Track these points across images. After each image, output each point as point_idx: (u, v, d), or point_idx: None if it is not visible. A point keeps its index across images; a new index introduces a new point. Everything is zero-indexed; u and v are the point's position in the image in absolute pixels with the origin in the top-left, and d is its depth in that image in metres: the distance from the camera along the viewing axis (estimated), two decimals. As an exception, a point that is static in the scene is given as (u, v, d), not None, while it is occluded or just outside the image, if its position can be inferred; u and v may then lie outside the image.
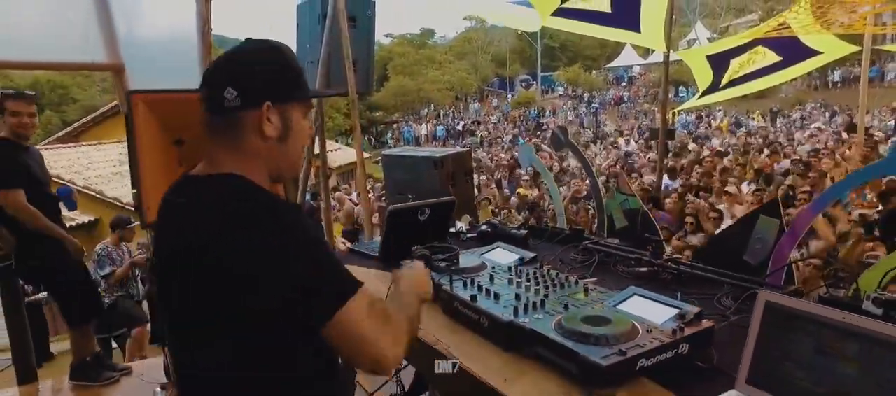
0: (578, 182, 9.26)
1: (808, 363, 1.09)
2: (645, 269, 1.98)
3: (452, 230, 2.70)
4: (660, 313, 1.39)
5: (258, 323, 1.03)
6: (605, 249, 2.22)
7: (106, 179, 11.68)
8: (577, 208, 7.44)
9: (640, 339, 1.27)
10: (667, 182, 8.71)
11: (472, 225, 2.94)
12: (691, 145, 16.28)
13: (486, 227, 2.65)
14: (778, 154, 9.48)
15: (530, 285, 1.66)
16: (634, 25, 7.36)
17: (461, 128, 34.41)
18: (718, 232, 5.20)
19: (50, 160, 3.55)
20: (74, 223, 9.15)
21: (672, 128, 9.23)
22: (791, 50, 8.22)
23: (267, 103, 1.11)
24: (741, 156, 11.07)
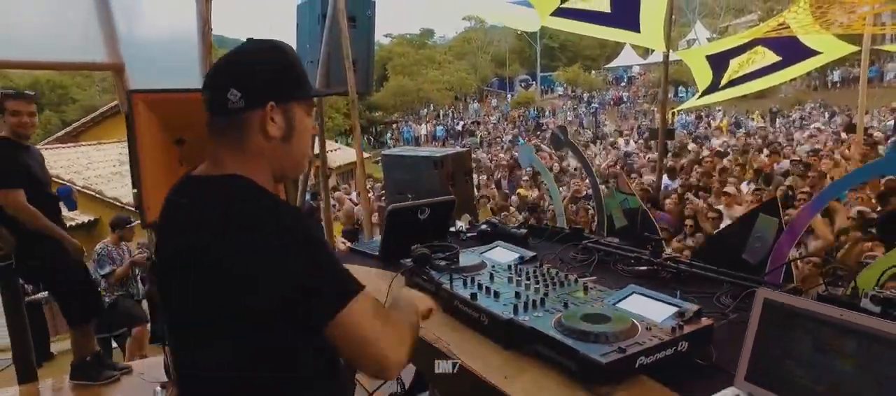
0: (578, 182, 9.27)
1: (806, 360, 1.09)
2: (644, 268, 1.98)
3: (452, 229, 2.70)
4: (659, 311, 1.40)
5: (258, 323, 1.03)
6: (604, 248, 2.22)
7: (105, 179, 11.68)
8: (577, 208, 7.45)
9: (640, 337, 1.27)
10: (666, 182, 8.71)
11: (471, 224, 2.94)
12: (691, 145, 16.27)
13: (485, 226, 2.65)
14: (778, 154, 9.47)
15: (530, 283, 1.66)
16: (634, 25, 7.37)
17: (460, 128, 34.40)
18: (718, 231, 5.21)
19: (49, 160, 3.56)
20: (74, 223, 9.15)
21: (672, 128, 9.23)
22: (790, 50, 8.23)
23: (270, 103, 1.11)
24: (740, 156, 11.07)
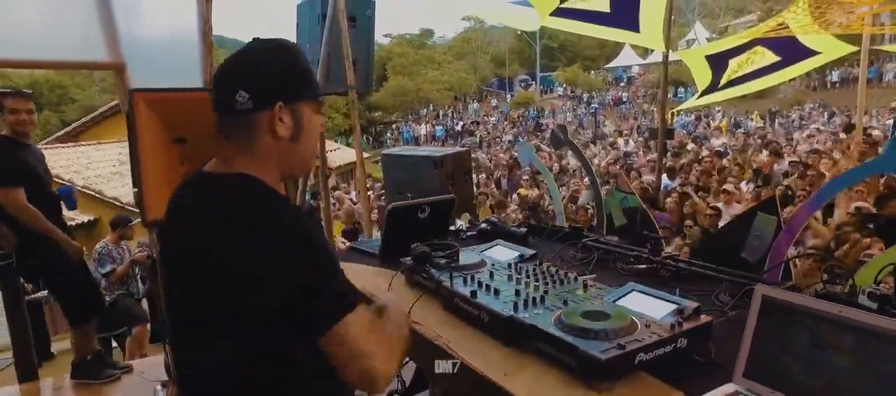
0: (578, 182, 9.28)
1: (804, 356, 1.10)
2: (643, 266, 1.99)
3: (452, 228, 2.71)
4: (658, 308, 1.40)
5: (259, 323, 1.03)
6: (604, 247, 2.23)
7: (105, 179, 11.68)
8: (577, 207, 7.46)
9: (639, 334, 1.27)
10: (666, 182, 8.73)
11: (471, 223, 2.95)
12: (690, 145, 16.29)
13: (485, 225, 2.65)
14: (779, 155, 9.46)
15: (530, 281, 1.67)
16: (633, 25, 7.38)
17: (460, 128, 34.40)
18: (717, 229, 5.22)
19: (49, 160, 3.57)
20: (74, 222, 9.15)
21: (671, 127, 9.24)
22: (790, 50, 8.25)
23: (279, 104, 1.11)
24: (739, 156, 11.08)
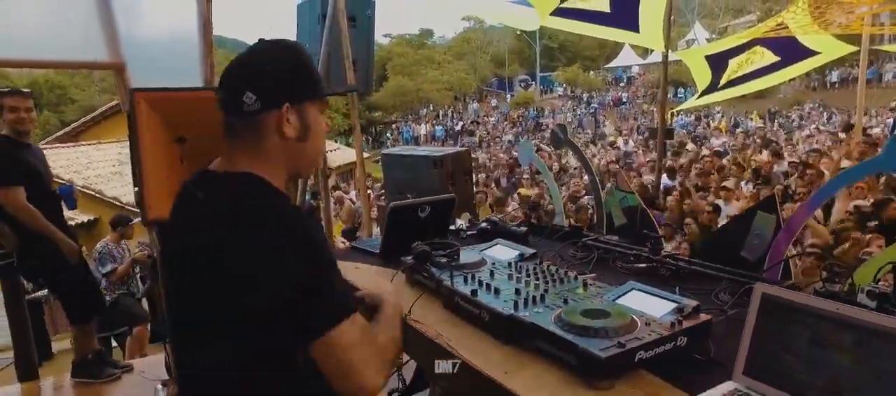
0: (578, 181, 9.28)
1: (803, 354, 1.10)
2: (643, 265, 1.99)
3: (452, 228, 2.71)
4: (658, 307, 1.40)
5: (259, 322, 1.04)
6: (604, 246, 2.23)
7: (105, 179, 11.69)
8: (577, 207, 7.46)
9: (639, 332, 1.27)
10: (666, 181, 8.73)
11: (471, 222, 2.95)
12: (690, 145, 16.30)
13: (485, 225, 2.65)
14: (779, 156, 9.46)
15: (530, 280, 1.67)
16: (633, 25, 7.39)
17: (459, 128, 34.41)
18: (716, 228, 5.23)
19: (49, 160, 3.57)
20: (74, 222, 9.15)
21: (670, 127, 9.24)
22: (789, 50, 8.25)
23: (286, 104, 1.12)
24: (739, 154, 11.08)
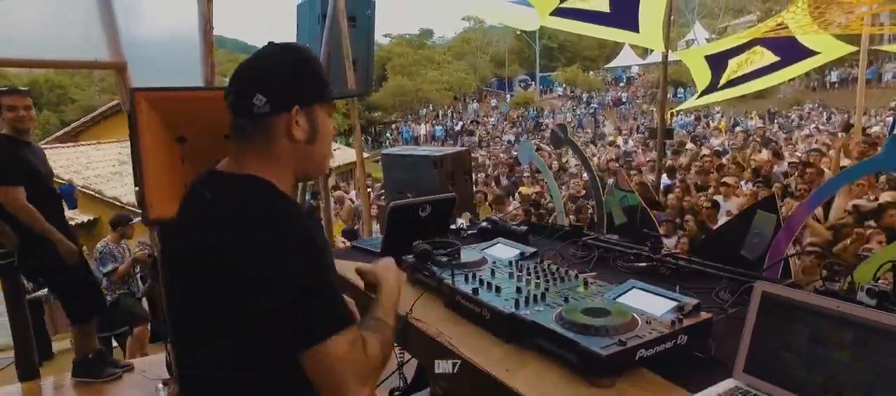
0: (578, 181, 9.29)
1: (803, 351, 1.11)
2: (644, 264, 2.00)
3: (453, 227, 2.71)
4: (659, 305, 1.41)
5: (260, 323, 1.04)
6: (604, 245, 2.24)
7: (105, 179, 11.69)
8: (577, 206, 7.47)
9: (640, 330, 1.28)
10: (666, 181, 8.74)
11: (472, 222, 2.96)
12: (689, 145, 16.30)
13: (486, 224, 2.66)
14: (780, 156, 9.45)
15: (531, 279, 1.68)
16: (633, 25, 7.39)
17: (459, 128, 34.40)
18: (717, 227, 5.23)
19: (49, 160, 3.57)
20: (74, 222, 9.15)
21: (670, 127, 9.25)
22: (789, 50, 8.25)
23: (295, 107, 1.13)
24: (739, 153, 11.08)
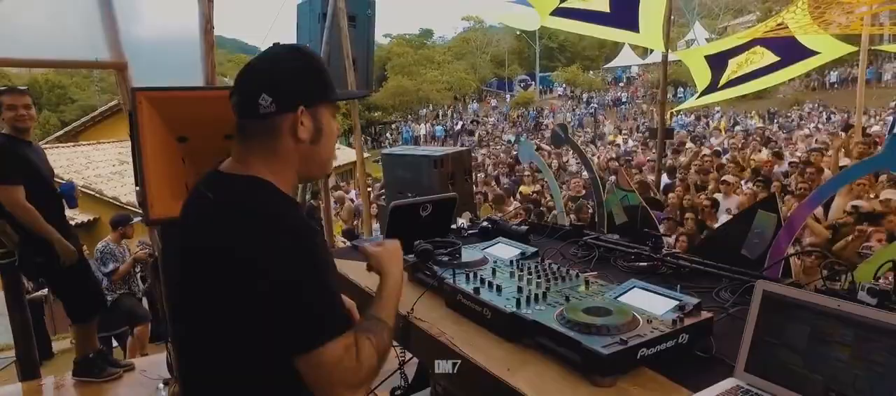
0: (578, 181, 9.28)
1: (804, 350, 1.11)
2: (645, 264, 2.00)
3: (453, 227, 2.72)
4: (660, 304, 1.41)
5: (260, 326, 1.05)
6: (605, 244, 2.24)
7: (105, 179, 11.70)
8: (577, 206, 7.47)
9: (641, 329, 1.28)
10: (667, 181, 8.74)
11: (472, 221, 2.96)
12: (689, 144, 16.29)
13: (486, 223, 2.66)
14: (780, 156, 9.45)
15: (532, 278, 1.68)
16: (633, 25, 7.39)
17: (459, 128, 34.40)
18: (717, 226, 5.24)
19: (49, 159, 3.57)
20: (74, 222, 9.15)
21: (670, 127, 9.25)
22: (789, 50, 8.25)
23: (301, 107, 1.14)
24: (739, 153, 11.07)
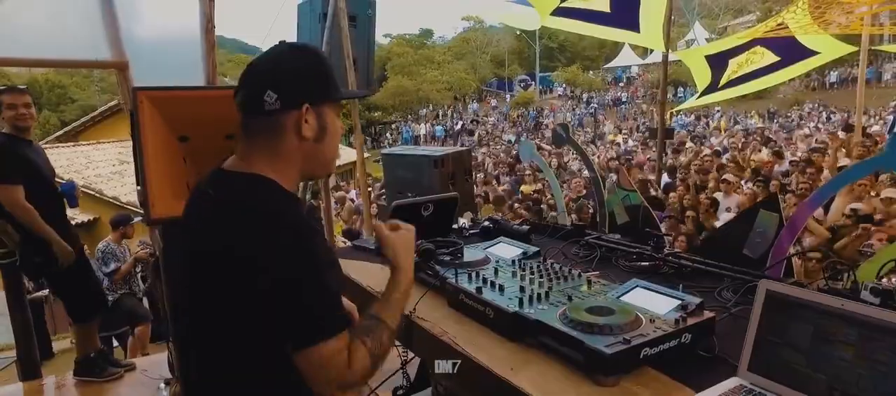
0: (578, 181, 9.28)
1: (807, 349, 1.11)
2: (646, 264, 2.00)
3: (454, 227, 2.71)
4: (662, 304, 1.41)
5: (262, 323, 1.05)
6: (606, 244, 2.24)
7: (105, 178, 11.70)
8: (578, 205, 7.47)
9: (644, 329, 1.28)
10: (667, 180, 8.74)
11: (474, 221, 2.96)
12: (689, 144, 16.29)
13: (488, 223, 2.66)
14: (780, 156, 9.45)
15: (534, 278, 1.68)
16: (633, 25, 7.40)
17: (459, 128, 34.40)
18: (719, 226, 5.24)
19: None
20: (74, 222, 9.14)
21: (670, 127, 9.25)
22: (789, 50, 8.26)
23: (306, 105, 1.14)
24: (739, 152, 11.07)
